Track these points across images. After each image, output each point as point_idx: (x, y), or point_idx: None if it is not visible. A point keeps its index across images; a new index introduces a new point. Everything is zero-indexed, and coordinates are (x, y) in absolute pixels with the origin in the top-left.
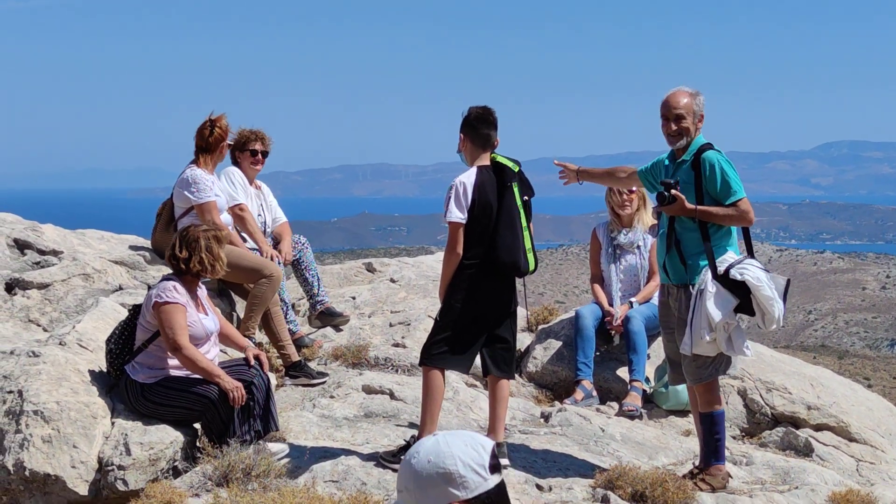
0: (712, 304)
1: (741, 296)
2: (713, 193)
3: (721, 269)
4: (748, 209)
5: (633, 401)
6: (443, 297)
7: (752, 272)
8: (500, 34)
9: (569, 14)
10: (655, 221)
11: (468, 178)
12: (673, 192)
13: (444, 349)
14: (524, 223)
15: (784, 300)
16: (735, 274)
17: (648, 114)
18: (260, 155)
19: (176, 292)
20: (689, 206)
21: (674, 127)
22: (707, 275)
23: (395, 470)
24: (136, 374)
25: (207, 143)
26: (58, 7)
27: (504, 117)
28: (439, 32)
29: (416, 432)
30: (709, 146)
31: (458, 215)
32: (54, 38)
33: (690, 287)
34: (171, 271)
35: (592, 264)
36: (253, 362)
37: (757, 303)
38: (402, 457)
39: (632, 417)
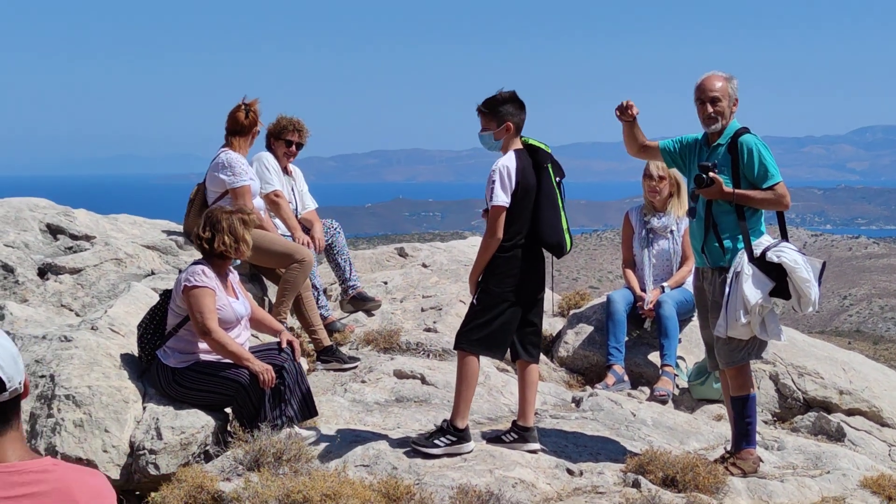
0: (749, 285)
1: (777, 278)
2: (750, 177)
3: (757, 251)
4: (785, 193)
5: (665, 385)
6: (475, 281)
7: (788, 254)
8: (535, 19)
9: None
10: (694, 204)
11: (510, 161)
12: (711, 174)
13: (482, 334)
14: (561, 203)
15: (819, 283)
16: (772, 256)
17: (682, 99)
18: (294, 147)
19: (205, 276)
20: (727, 189)
21: (710, 109)
22: (743, 257)
23: (426, 455)
24: (168, 359)
25: (242, 127)
26: None
27: (538, 102)
28: (474, 17)
29: (447, 416)
30: (745, 130)
31: (503, 199)
32: (90, 24)
33: (726, 270)
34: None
35: (624, 248)
36: (285, 346)
37: (793, 285)
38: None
39: (663, 402)
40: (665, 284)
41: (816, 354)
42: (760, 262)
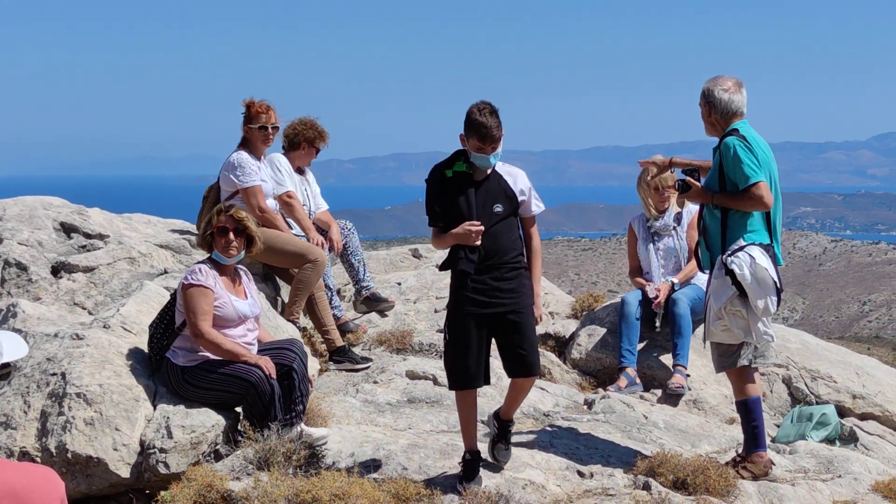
0: (713, 291)
1: (737, 284)
2: (733, 178)
3: (724, 257)
4: (762, 194)
5: (679, 381)
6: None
7: (739, 260)
8: (552, 21)
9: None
10: (680, 209)
11: None
12: (687, 179)
13: None
14: None
15: (778, 293)
16: (727, 261)
17: (696, 102)
18: (313, 149)
19: (201, 274)
20: (706, 193)
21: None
22: (718, 262)
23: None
24: (176, 358)
25: (244, 130)
26: None
27: (557, 106)
28: (492, 20)
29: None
30: (732, 132)
31: None
32: (110, 27)
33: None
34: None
35: (630, 258)
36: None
37: (745, 290)
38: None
39: (679, 394)
40: (673, 279)
41: (830, 358)
42: (726, 268)
